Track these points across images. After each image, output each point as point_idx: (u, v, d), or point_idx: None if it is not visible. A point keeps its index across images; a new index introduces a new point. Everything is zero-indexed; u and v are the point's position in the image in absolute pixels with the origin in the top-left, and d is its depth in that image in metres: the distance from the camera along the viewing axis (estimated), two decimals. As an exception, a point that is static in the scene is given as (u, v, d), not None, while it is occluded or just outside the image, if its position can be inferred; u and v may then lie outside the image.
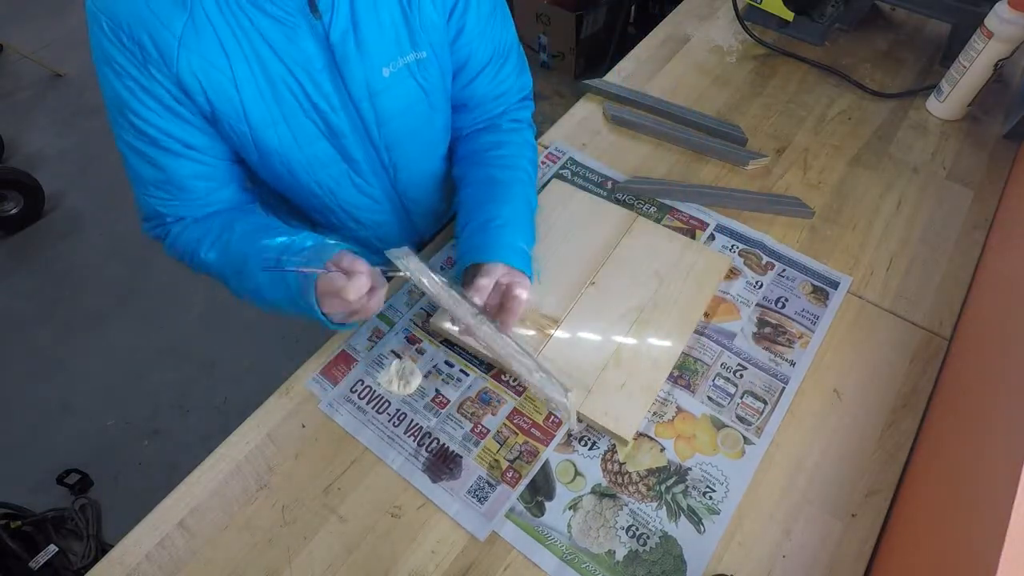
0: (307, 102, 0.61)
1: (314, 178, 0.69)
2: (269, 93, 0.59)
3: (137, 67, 0.55)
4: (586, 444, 0.65)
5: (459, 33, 0.67)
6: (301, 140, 0.64)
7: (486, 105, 0.75)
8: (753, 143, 0.93)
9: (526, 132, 0.78)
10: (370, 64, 0.62)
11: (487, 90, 0.73)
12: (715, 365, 0.70)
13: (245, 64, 0.57)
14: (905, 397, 0.68)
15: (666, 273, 0.75)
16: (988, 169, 0.89)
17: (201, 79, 0.56)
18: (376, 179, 0.73)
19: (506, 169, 0.73)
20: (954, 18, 0.98)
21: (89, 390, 1.68)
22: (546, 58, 2.44)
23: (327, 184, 0.70)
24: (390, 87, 0.64)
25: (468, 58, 0.69)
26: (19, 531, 1.32)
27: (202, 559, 0.60)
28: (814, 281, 0.77)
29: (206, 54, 0.55)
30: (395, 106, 0.66)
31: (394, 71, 0.63)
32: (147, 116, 0.58)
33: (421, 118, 0.70)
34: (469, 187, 0.73)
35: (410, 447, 0.66)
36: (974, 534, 0.45)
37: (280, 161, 0.65)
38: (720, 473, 0.63)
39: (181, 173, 0.62)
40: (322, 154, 0.67)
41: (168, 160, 0.61)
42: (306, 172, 0.68)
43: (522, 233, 0.68)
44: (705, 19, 1.14)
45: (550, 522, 0.61)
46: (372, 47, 0.61)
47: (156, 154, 0.60)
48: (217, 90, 0.57)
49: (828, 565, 0.58)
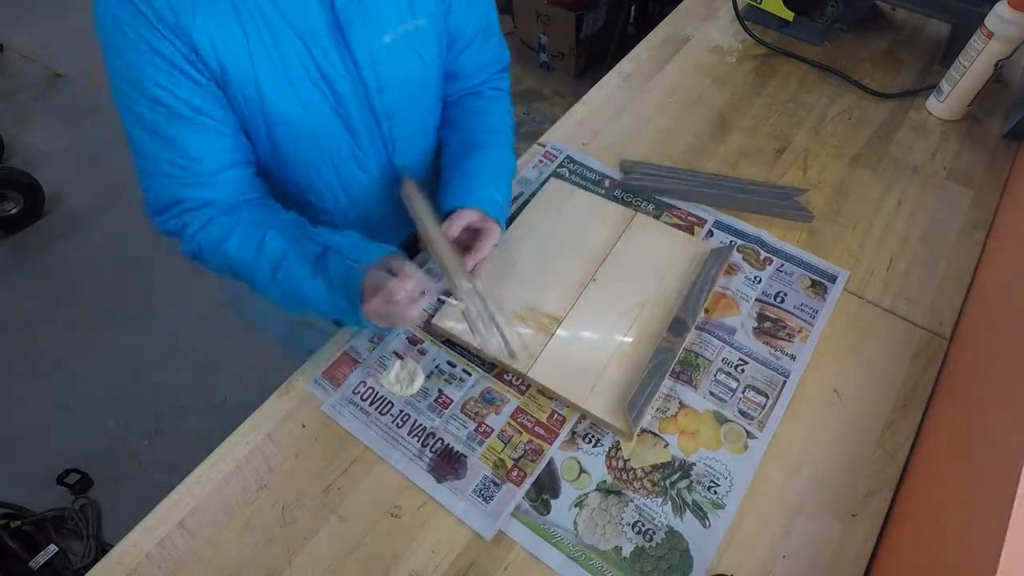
0: (314, 69, 0.62)
1: (318, 151, 0.70)
2: (279, 59, 0.60)
3: (151, 30, 0.55)
4: (590, 441, 0.65)
5: (451, 8, 0.70)
6: (308, 108, 0.64)
7: (471, 75, 0.79)
8: (753, 143, 0.93)
9: (504, 100, 0.83)
10: (373, 29, 0.63)
11: (473, 61, 0.77)
12: (716, 360, 0.70)
13: (256, 31, 0.58)
14: (905, 397, 0.68)
15: (666, 270, 0.76)
16: (988, 169, 0.89)
17: (215, 41, 0.57)
18: (375, 152, 0.73)
19: (486, 132, 0.77)
20: (954, 18, 0.98)
21: (89, 390, 1.68)
22: (546, 58, 2.44)
23: (329, 157, 0.71)
24: (392, 55, 0.66)
25: (459, 31, 0.72)
26: (19, 531, 1.32)
27: (202, 559, 0.60)
28: (812, 275, 0.77)
29: (221, 18, 0.56)
30: (396, 75, 0.67)
31: (395, 38, 0.65)
32: (157, 78, 0.57)
33: (418, 88, 0.72)
34: (450, 146, 0.78)
35: (414, 448, 0.66)
36: (974, 534, 0.45)
37: (286, 132, 0.65)
38: (724, 468, 0.63)
39: (192, 143, 0.61)
40: (327, 124, 0.67)
41: (179, 129, 0.60)
42: (311, 144, 0.68)
43: (498, 187, 0.73)
44: (705, 19, 1.14)
45: (556, 520, 0.61)
46: (374, 12, 0.62)
47: (166, 123, 0.59)
48: (230, 53, 0.58)
49: (828, 565, 0.58)
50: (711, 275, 0.73)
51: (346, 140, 0.70)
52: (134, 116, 0.60)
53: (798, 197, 0.84)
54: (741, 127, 0.95)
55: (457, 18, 0.71)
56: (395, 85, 0.68)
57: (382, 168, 0.76)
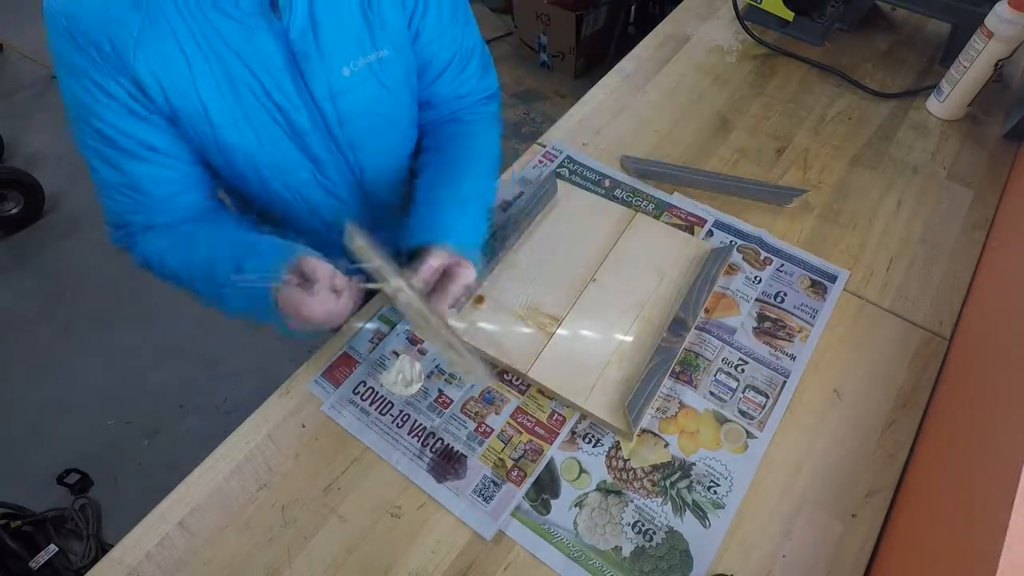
0: (269, 101, 0.61)
1: (280, 179, 0.68)
2: (229, 92, 0.59)
3: (95, 67, 0.54)
4: (590, 441, 0.65)
5: (418, 34, 0.68)
6: (264, 140, 0.63)
7: (448, 103, 0.76)
8: (753, 143, 0.93)
9: (488, 125, 0.78)
10: (330, 63, 0.62)
11: (449, 91, 0.74)
12: (716, 360, 0.70)
13: (204, 63, 0.57)
14: (905, 397, 0.68)
15: (667, 269, 0.76)
16: (988, 169, 0.89)
17: (160, 78, 0.56)
18: (341, 179, 0.72)
19: (464, 160, 0.73)
20: (954, 18, 0.98)
21: (89, 390, 1.68)
22: (546, 58, 2.44)
23: (294, 185, 0.70)
24: (352, 87, 0.64)
25: (430, 59, 0.70)
26: (19, 531, 1.32)
27: (202, 559, 0.60)
28: (812, 275, 0.77)
29: (164, 54, 0.55)
30: (357, 106, 0.66)
31: (355, 70, 0.63)
32: (106, 117, 0.57)
33: (385, 117, 0.70)
34: (424, 174, 0.73)
35: (414, 448, 0.66)
36: (974, 534, 0.45)
37: (245, 162, 0.65)
38: (724, 468, 0.63)
39: (141, 176, 0.61)
40: (287, 154, 0.66)
41: (128, 162, 0.60)
42: (272, 173, 0.67)
43: (472, 218, 0.68)
44: (705, 19, 1.14)
45: (556, 520, 0.61)
46: (332, 46, 0.61)
47: (116, 156, 0.60)
48: (176, 89, 0.57)
49: (828, 565, 0.58)
50: (711, 275, 0.73)
51: (309, 169, 0.69)
52: (85, 144, 0.60)
53: (796, 197, 0.83)
54: (741, 127, 0.95)
55: (427, 44, 0.69)
56: (357, 116, 0.67)
57: (353, 194, 0.75)
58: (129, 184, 0.62)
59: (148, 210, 0.64)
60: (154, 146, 0.60)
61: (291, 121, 0.63)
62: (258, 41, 0.57)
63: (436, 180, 0.71)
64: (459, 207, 0.67)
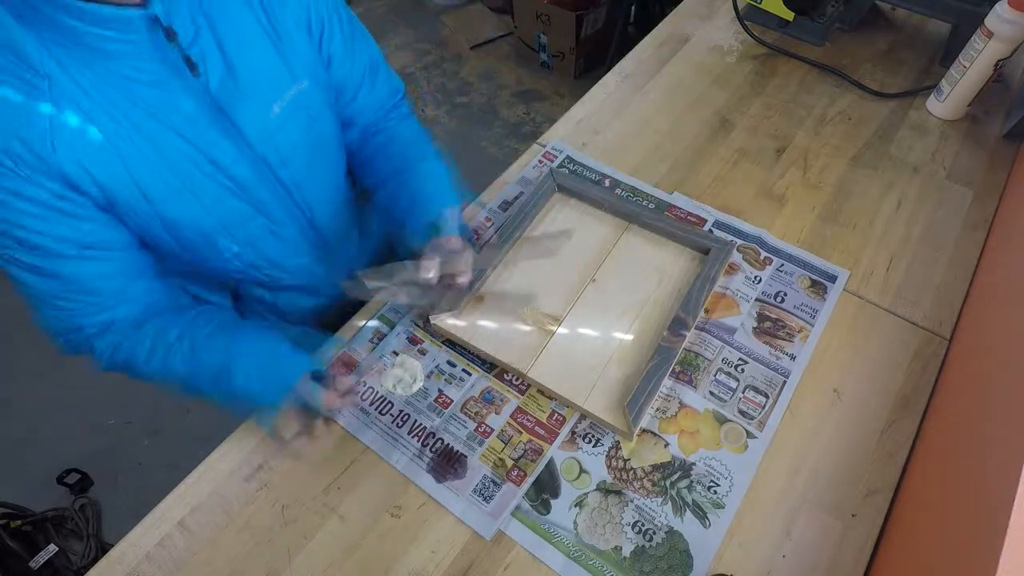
0: (205, 163, 0.58)
1: (231, 238, 0.65)
2: (160, 164, 0.55)
3: (9, 176, 0.50)
4: (590, 441, 0.65)
5: (331, 60, 0.66)
6: (208, 203, 0.60)
7: (367, 115, 0.76)
8: (753, 143, 0.93)
9: (409, 120, 0.80)
10: (258, 105, 0.59)
11: (367, 104, 0.74)
12: (716, 360, 0.70)
13: (129, 141, 0.53)
14: (905, 397, 0.68)
15: (666, 269, 0.76)
16: (988, 169, 0.89)
17: (87, 166, 0.52)
18: (292, 221, 0.70)
19: (407, 157, 0.74)
20: (954, 18, 0.98)
21: (89, 390, 1.68)
22: (546, 58, 2.44)
23: (245, 240, 0.67)
24: (284, 123, 0.62)
25: (344, 80, 0.70)
26: (19, 531, 1.32)
27: (202, 559, 0.60)
28: (812, 275, 0.77)
29: (85, 140, 0.51)
30: (294, 141, 0.64)
31: (283, 106, 0.61)
32: (32, 225, 0.52)
33: (320, 147, 0.69)
34: (382, 186, 0.74)
35: (414, 448, 0.66)
36: (974, 534, 0.45)
37: (192, 230, 0.61)
38: (724, 467, 0.63)
39: (84, 275, 0.57)
40: (234, 211, 0.63)
41: (65, 265, 0.56)
42: (221, 234, 0.64)
43: (448, 197, 0.70)
44: (705, 19, 1.14)
45: (556, 520, 0.61)
46: (255, 88, 0.58)
47: (50, 263, 0.55)
48: (106, 173, 0.53)
49: (828, 565, 0.58)
50: (711, 275, 0.73)
51: (260, 221, 0.66)
52: (11, 260, 0.55)
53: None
54: (741, 127, 0.95)
55: (339, 68, 0.68)
56: (295, 152, 0.65)
57: (305, 233, 0.73)
58: (73, 288, 0.58)
59: (102, 308, 0.60)
60: (91, 243, 0.56)
61: (232, 176, 0.60)
62: (178, 102, 0.54)
63: (397, 182, 0.72)
64: (432, 191, 0.70)
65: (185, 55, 0.52)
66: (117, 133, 0.52)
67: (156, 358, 0.61)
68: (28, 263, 0.55)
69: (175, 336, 0.62)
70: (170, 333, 0.62)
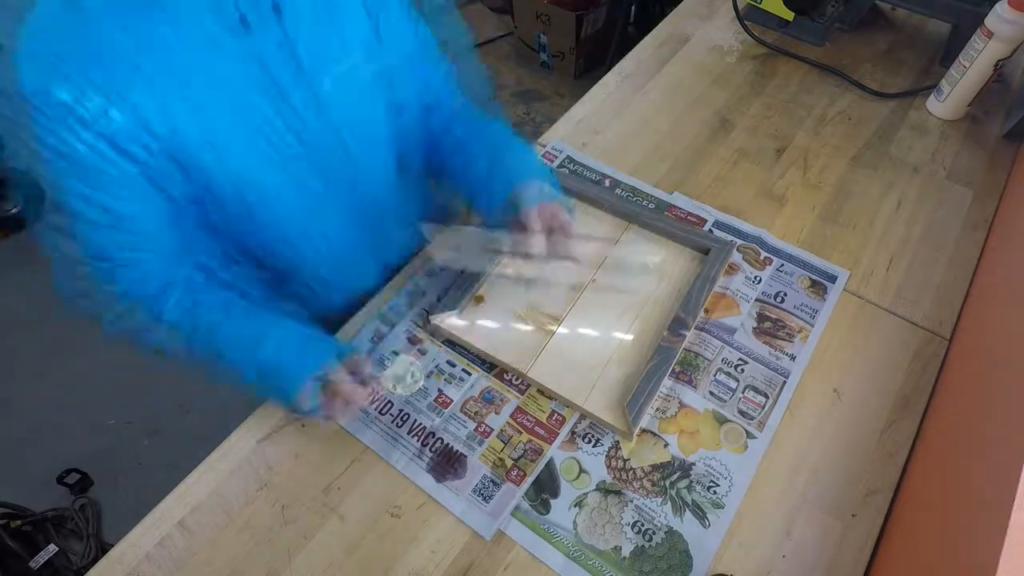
0: (263, 122, 0.58)
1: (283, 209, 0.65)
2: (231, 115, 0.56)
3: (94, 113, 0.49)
4: (590, 441, 0.65)
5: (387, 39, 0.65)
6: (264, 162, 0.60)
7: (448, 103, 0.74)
8: (753, 143, 0.93)
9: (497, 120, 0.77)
10: (309, 76, 0.58)
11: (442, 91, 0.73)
12: (716, 360, 0.70)
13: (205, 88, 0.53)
14: (905, 397, 0.68)
15: (666, 269, 0.76)
16: (988, 169, 0.89)
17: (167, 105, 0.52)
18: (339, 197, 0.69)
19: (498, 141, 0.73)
20: (954, 18, 0.98)
21: (89, 390, 1.68)
22: (546, 58, 2.44)
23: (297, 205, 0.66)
24: (334, 97, 0.61)
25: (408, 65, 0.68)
26: (19, 531, 1.32)
27: (202, 559, 0.60)
28: (812, 275, 0.77)
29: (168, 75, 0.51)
30: (343, 116, 0.63)
31: (334, 80, 0.60)
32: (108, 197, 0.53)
33: (368, 128, 0.68)
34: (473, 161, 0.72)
35: (414, 447, 0.66)
36: (974, 534, 0.45)
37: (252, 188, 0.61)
38: (724, 468, 0.63)
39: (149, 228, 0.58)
40: (287, 177, 0.63)
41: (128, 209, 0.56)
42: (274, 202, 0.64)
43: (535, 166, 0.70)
44: (705, 19, 1.14)
45: (556, 519, 0.61)
46: (309, 57, 0.58)
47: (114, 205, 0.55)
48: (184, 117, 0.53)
49: (828, 565, 0.58)
50: (711, 275, 0.73)
51: (312, 187, 0.65)
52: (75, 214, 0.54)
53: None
54: (741, 127, 0.95)
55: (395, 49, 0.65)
56: (345, 128, 0.64)
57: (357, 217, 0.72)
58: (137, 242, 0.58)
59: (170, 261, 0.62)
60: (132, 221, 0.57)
61: (286, 141, 0.60)
62: (231, 62, 0.54)
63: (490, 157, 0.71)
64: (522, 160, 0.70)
65: (241, 13, 0.52)
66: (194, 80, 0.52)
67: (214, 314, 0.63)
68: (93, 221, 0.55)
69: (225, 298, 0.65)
70: (217, 296, 0.65)
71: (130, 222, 0.57)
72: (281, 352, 0.61)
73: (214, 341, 0.63)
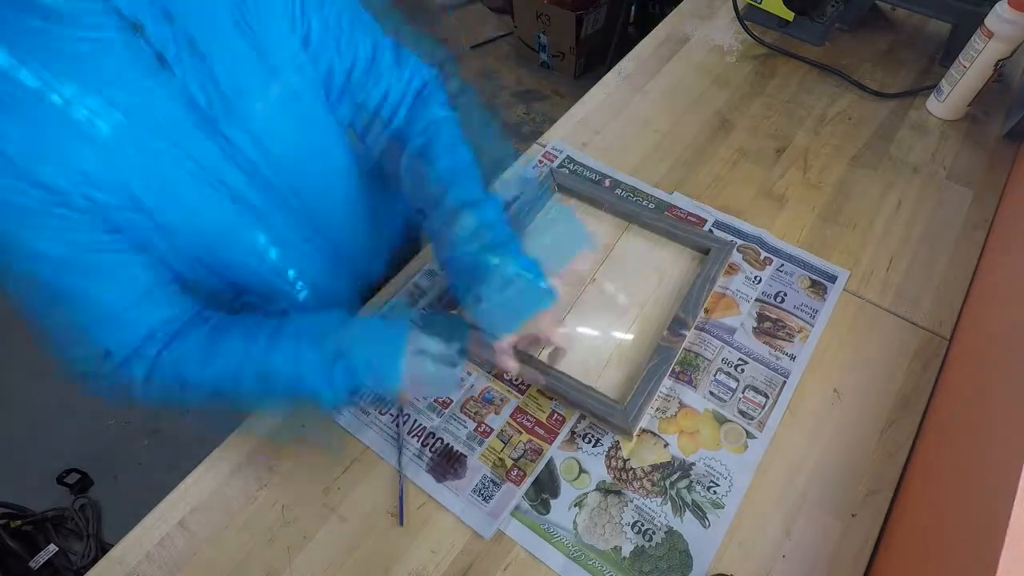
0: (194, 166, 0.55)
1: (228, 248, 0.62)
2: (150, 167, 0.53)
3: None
4: (590, 441, 0.65)
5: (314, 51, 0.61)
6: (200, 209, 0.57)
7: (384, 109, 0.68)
8: (753, 143, 0.93)
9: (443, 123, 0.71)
10: (237, 104, 0.55)
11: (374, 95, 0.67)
12: (716, 360, 0.70)
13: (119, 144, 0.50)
14: (905, 397, 0.68)
15: (666, 269, 0.76)
16: (988, 169, 0.89)
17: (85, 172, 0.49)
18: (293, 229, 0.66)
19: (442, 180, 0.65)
20: (954, 18, 0.98)
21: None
22: (546, 58, 2.44)
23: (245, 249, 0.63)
24: (270, 123, 0.58)
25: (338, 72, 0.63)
26: (19, 531, 1.32)
27: (202, 559, 0.60)
28: (812, 275, 0.77)
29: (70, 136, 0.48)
30: (284, 142, 0.60)
31: (267, 105, 0.57)
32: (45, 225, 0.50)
33: (317, 148, 0.65)
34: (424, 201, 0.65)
35: (413, 447, 0.66)
36: (974, 534, 0.45)
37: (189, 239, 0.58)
38: (724, 468, 0.63)
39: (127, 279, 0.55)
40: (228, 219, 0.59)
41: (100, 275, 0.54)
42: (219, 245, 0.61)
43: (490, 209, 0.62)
44: (705, 19, 1.14)
45: (556, 520, 0.61)
46: (233, 87, 0.55)
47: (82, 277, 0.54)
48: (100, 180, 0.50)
49: (828, 565, 0.58)
50: (711, 275, 0.73)
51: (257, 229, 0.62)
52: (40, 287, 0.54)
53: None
54: (741, 127, 0.95)
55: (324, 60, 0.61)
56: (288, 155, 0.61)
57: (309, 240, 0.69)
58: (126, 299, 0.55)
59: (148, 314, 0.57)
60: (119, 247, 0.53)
61: (224, 180, 0.57)
62: (157, 103, 0.51)
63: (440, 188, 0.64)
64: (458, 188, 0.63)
65: (157, 52, 0.49)
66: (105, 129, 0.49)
67: (219, 357, 0.58)
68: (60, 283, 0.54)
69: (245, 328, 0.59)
70: (233, 329, 0.59)
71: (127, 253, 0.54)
72: (362, 349, 0.57)
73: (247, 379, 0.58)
